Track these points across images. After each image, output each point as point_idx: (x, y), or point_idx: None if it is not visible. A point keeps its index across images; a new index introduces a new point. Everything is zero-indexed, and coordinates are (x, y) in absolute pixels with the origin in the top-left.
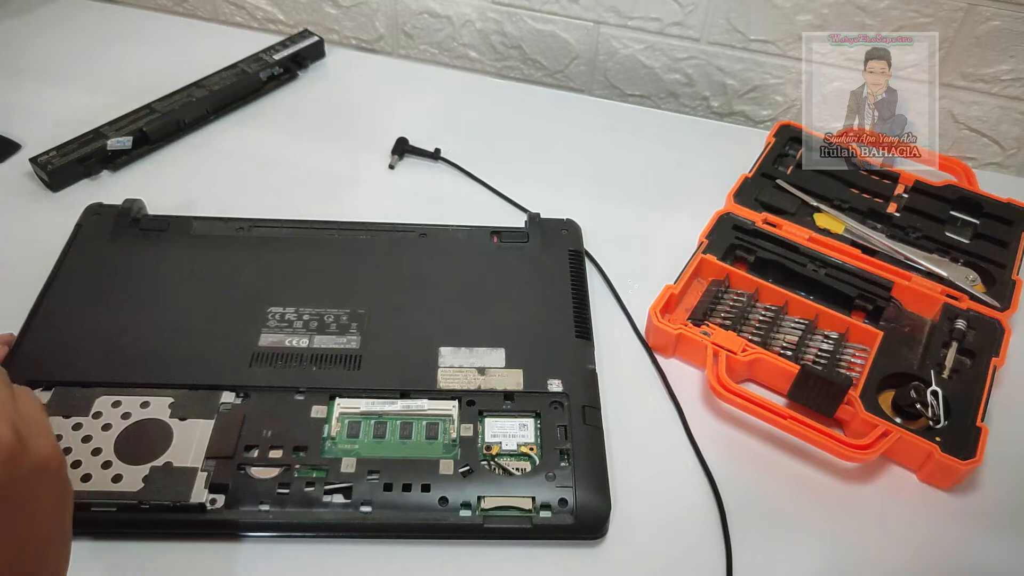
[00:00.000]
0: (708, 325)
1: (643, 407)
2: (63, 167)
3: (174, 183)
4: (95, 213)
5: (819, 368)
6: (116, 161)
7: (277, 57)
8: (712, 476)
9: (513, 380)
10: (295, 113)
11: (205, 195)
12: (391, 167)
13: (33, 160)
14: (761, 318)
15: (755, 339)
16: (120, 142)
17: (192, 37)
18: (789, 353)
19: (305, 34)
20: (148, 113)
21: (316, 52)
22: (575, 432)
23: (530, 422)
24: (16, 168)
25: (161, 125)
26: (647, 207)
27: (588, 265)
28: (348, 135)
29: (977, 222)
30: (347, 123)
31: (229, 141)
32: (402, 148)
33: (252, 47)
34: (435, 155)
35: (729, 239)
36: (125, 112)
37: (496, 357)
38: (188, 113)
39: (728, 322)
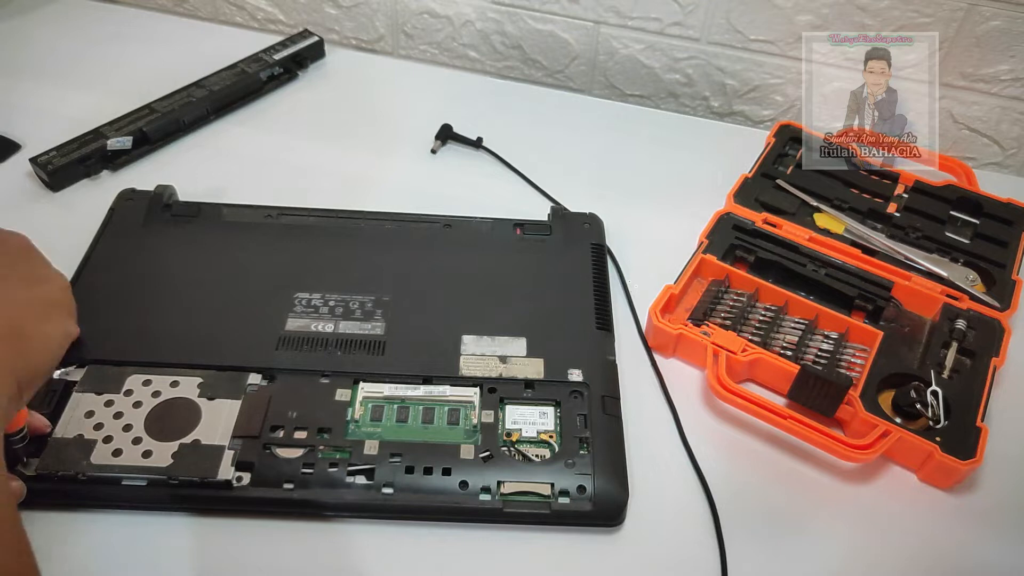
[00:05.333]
0: (708, 325)
1: (640, 407)
2: (63, 167)
3: (174, 183)
4: (128, 198)
5: (819, 368)
6: (116, 161)
7: (277, 57)
8: (704, 478)
9: (534, 369)
10: (295, 113)
11: (206, 195)
12: (433, 152)
13: (33, 160)
14: (761, 318)
15: (755, 339)
16: (120, 142)
17: (192, 37)
18: (789, 353)
19: (305, 34)
20: (148, 113)
21: (316, 52)
22: (595, 421)
23: (550, 410)
24: (16, 168)
25: (161, 125)
26: (647, 207)
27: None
28: (348, 135)
29: (977, 222)
30: (347, 123)
31: (229, 141)
32: (446, 135)
33: (252, 47)
34: (477, 143)
35: (729, 239)
36: (125, 112)
37: (518, 346)
38: (188, 113)
39: (728, 322)
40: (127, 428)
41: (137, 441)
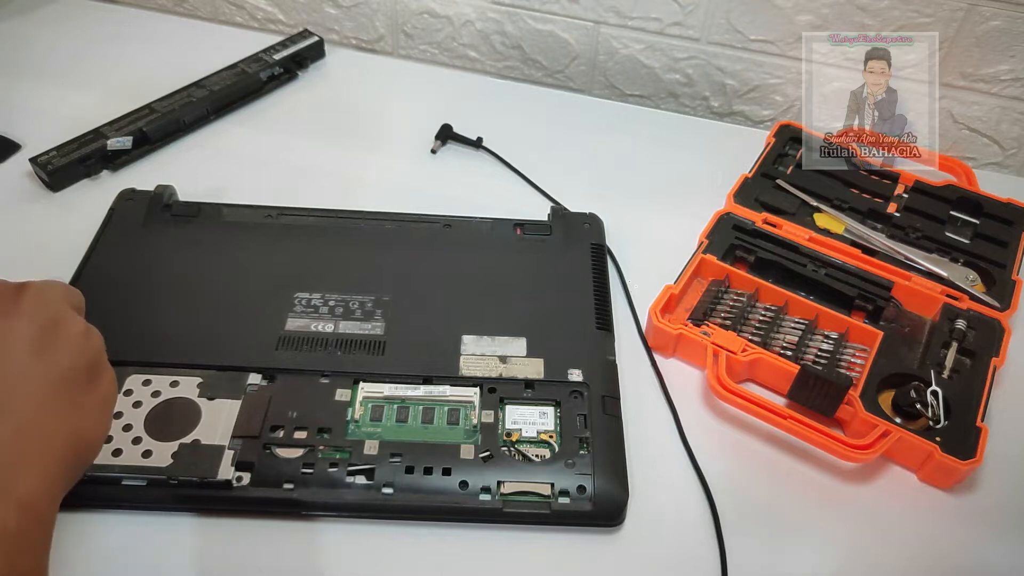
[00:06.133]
0: (708, 325)
1: (640, 407)
2: (63, 167)
3: (174, 183)
4: (128, 198)
5: (819, 368)
6: (116, 161)
7: (277, 57)
8: (704, 478)
9: (534, 369)
10: (295, 113)
11: (206, 195)
12: (433, 152)
13: (33, 160)
14: (761, 318)
15: (755, 339)
16: (120, 142)
17: (192, 37)
18: (789, 353)
19: (305, 34)
20: (148, 113)
21: (316, 52)
22: (595, 421)
23: (550, 410)
24: (16, 168)
25: (161, 125)
26: (647, 207)
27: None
28: (348, 135)
29: (977, 222)
30: (347, 123)
31: (229, 141)
32: (446, 135)
33: (252, 47)
34: (477, 143)
35: (729, 239)
36: (125, 112)
37: (518, 346)
38: (188, 113)
39: (728, 322)
40: (127, 428)
41: (137, 441)
